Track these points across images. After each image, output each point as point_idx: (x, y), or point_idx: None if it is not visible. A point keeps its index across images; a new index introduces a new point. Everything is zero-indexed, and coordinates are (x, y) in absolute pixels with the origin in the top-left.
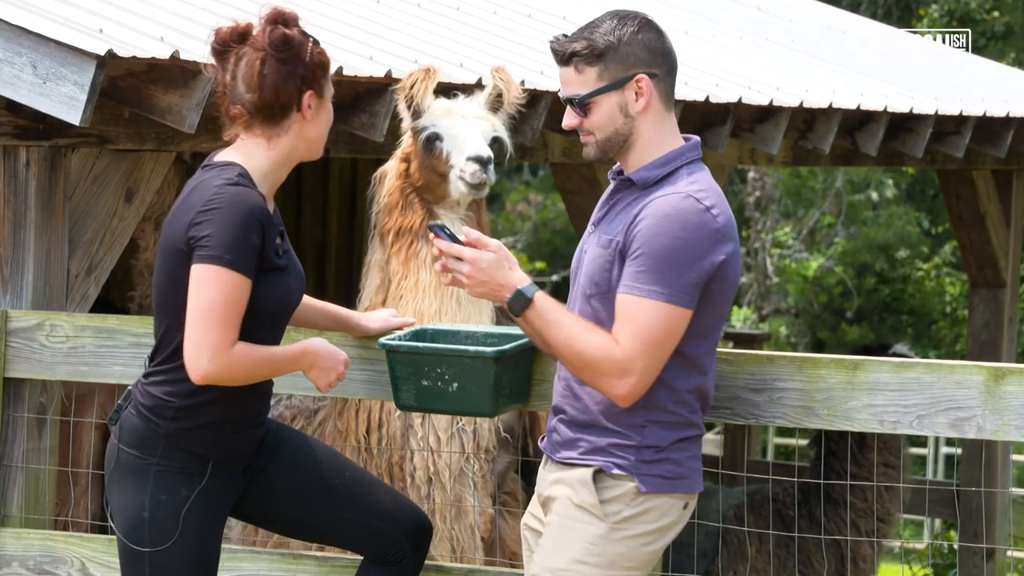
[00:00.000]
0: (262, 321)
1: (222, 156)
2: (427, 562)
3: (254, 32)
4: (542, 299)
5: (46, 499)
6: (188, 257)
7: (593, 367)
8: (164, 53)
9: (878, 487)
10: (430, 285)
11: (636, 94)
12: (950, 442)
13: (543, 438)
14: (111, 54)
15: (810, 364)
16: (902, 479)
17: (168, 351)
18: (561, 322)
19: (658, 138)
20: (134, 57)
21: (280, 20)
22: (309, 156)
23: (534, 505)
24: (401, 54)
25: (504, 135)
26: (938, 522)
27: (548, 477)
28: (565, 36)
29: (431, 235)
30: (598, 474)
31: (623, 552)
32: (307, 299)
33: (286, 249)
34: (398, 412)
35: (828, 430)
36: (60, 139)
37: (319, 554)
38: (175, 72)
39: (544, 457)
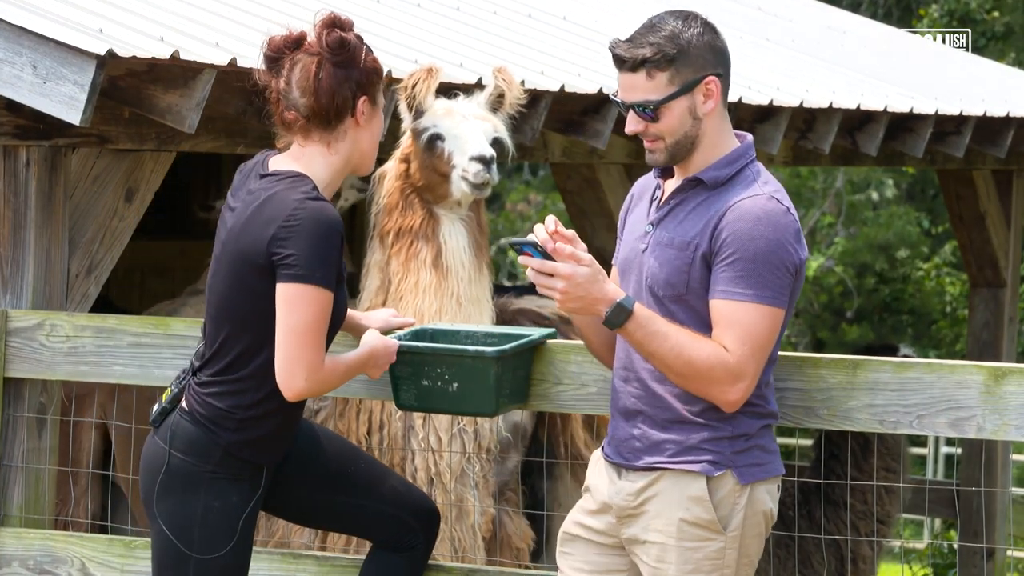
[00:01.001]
0: (332, 332)
1: (281, 164)
2: (430, 562)
3: (309, 39)
4: (641, 310)
5: (46, 499)
6: (267, 272)
7: (706, 376)
8: (164, 53)
9: (878, 489)
10: (430, 285)
11: (704, 96)
12: (950, 442)
13: (606, 445)
14: (111, 54)
15: (810, 364)
16: (902, 479)
17: (227, 360)
18: (666, 332)
19: (720, 138)
20: (134, 57)
21: (337, 24)
22: (361, 168)
23: (587, 515)
24: (401, 54)
25: (505, 135)
26: (938, 522)
27: (628, 487)
28: (624, 40)
29: (517, 255)
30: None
31: (742, 551)
32: None
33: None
34: (399, 413)
35: (830, 434)
36: (60, 139)
37: (319, 554)
38: (175, 72)
39: (607, 464)
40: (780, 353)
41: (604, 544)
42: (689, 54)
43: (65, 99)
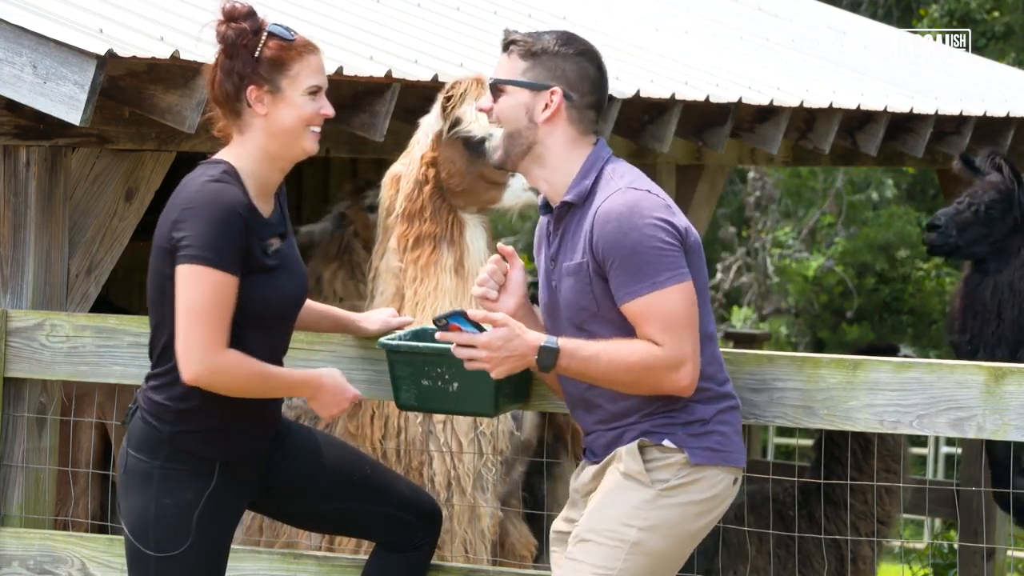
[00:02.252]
0: (250, 323)
1: (217, 154)
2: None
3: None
4: (566, 343)
5: (46, 499)
6: (172, 256)
7: (648, 373)
8: (164, 53)
9: (878, 490)
10: (450, 288)
11: (545, 105)
12: (950, 442)
13: (584, 452)
14: (111, 54)
15: (810, 364)
16: (902, 479)
17: (158, 352)
18: (596, 353)
19: (569, 154)
20: (134, 57)
21: (230, 16)
22: (287, 154)
23: (567, 509)
24: (401, 54)
25: None
26: (938, 522)
27: (591, 470)
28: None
29: (440, 332)
30: (646, 447)
31: (670, 518)
32: (308, 302)
33: (281, 250)
34: (419, 418)
35: (830, 434)
36: (60, 139)
37: (319, 554)
38: (175, 72)
39: (583, 465)
40: (779, 353)
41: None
42: (547, 61)
43: (65, 99)
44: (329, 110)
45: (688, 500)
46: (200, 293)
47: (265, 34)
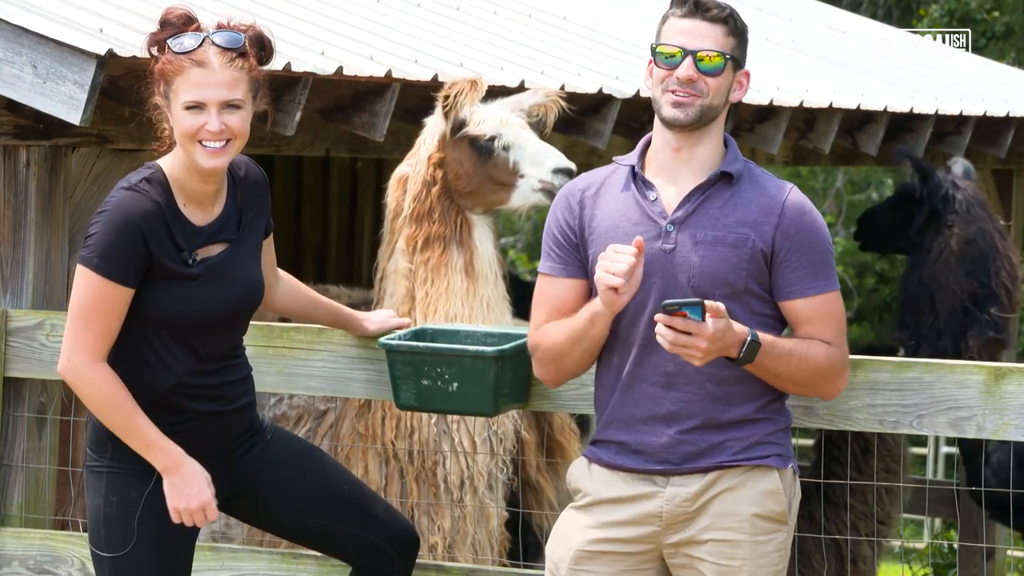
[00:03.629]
0: (159, 331)
1: (160, 159)
2: (427, 561)
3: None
4: (765, 338)
5: (46, 499)
6: None
7: (827, 376)
8: None
9: (878, 490)
10: (461, 290)
11: (738, 84)
12: (950, 442)
13: (614, 455)
14: (111, 54)
15: None
16: (902, 479)
17: None
18: (789, 350)
19: (720, 135)
20: (134, 57)
21: (159, 23)
22: (199, 167)
23: (612, 527)
24: (401, 54)
25: None
26: (938, 522)
27: (682, 492)
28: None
29: (668, 317)
30: (768, 473)
31: (792, 535)
32: (312, 294)
33: (212, 260)
34: (434, 418)
35: (830, 435)
36: (60, 139)
37: (319, 554)
38: None
39: (630, 474)
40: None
41: (636, 555)
42: (746, 38)
43: (65, 99)
44: (213, 126)
45: (795, 520)
46: (82, 295)
47: (168, 46)
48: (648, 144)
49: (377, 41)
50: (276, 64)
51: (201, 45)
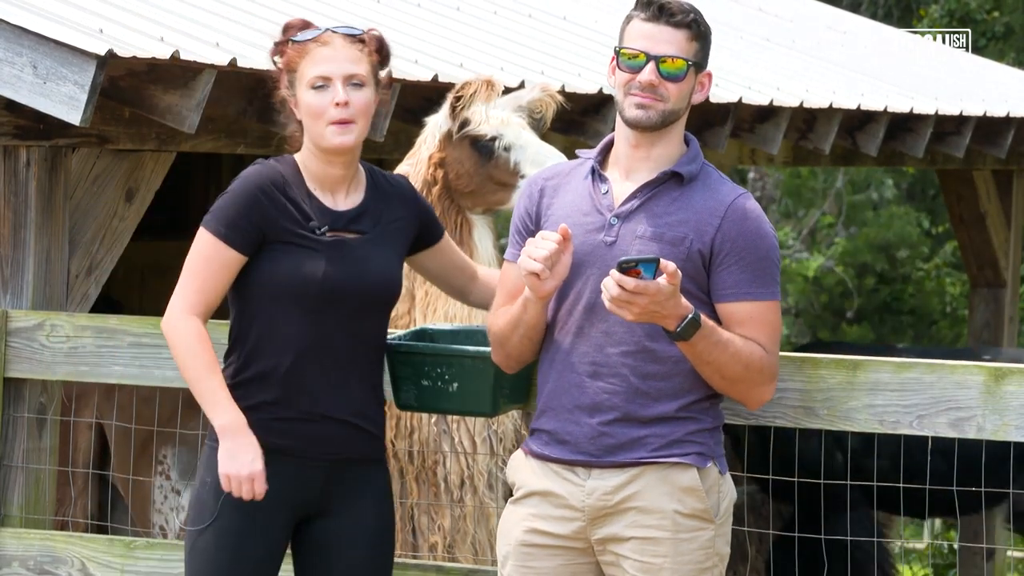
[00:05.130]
0: (275, 297)
1: None
2: (427, 562)
3: None
4: (707, 321)
5: (46, 499)
6: None
7: (757, 378)
8: (164, 53)
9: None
10: None
11: (699, 85)
12: None
13: (542, 446)
14: (111, 54)
15: (810, 364)
16: (902, 480)
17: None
18: (728, 339)
19: (682, 131)
20: (134, 57)
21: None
22: (321, 151)
23: (547, 521)
24: (402, 54)
25: None
26: (938, 522)
27: (602, 485)
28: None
29: (622, 276)
30: (688, 470)
31: (726, 538)
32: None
33: (343, 241)
34: (434, 418)
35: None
36: (60, 139)
37: None
38: (175, 72)
39: (556, 464)
40: (780, 354)
41: (572, 549)
42: (708, 41)
43: (65, 99)
44: (339, 96)
45: (729, 513)
46: (194, 250)
47: (290, 43)
48: (612, 141)
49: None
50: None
51: (324, 33)
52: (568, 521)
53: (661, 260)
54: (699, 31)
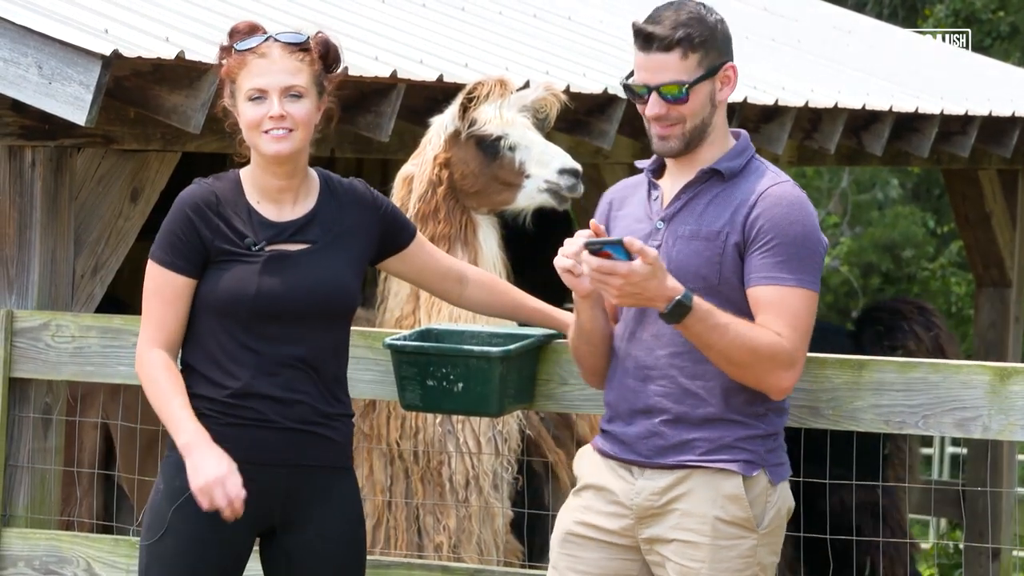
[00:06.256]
0: (224, 321)
1: None
2: (432, 562)
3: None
4: (700, 304)
5: (52, 499)
6: None
7: (767, 363)
8: (169, 53)
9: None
10: None
11: (722, 83)
12: (956, 442)
13: (604, 442)
14: (116, 54)
15: (815, 364)
16: (908, 480)
17: None
18: (726, 324)
19: (725, 129)
20: (139, 57)
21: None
22: (263, 154)
23: (598, 515)
24: (407, 54)
25: None
26: (943, 522)
27: (650, 486)
28: (651, 20)
29: (591, 256)
30: (733, 477)
31: (772, 548)
32: (509, 296)
33: (283, 254)
34: (439, 418)
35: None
36: (66, 139)
37: None
38: (180, 72)
39: (613, 461)
40: None
41: (619, 546)
42: (716, 38)
43: (70, 99)
44: (274, 110)
45: (778, 524)
46: (146, 282)
47: (232, 51)
48: None
49: (382, 41)
50: None
51: (264, 42)
52: (618, 517)
53: (625, 240)
54: (693, 42)
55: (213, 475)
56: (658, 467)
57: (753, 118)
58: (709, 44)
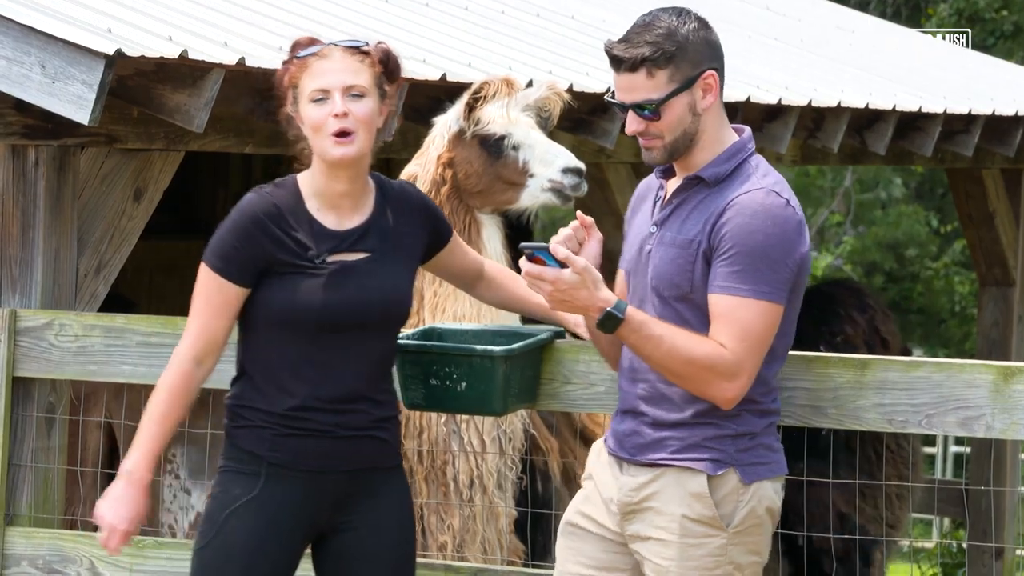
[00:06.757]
0: (276, 324)
1: None
2: (436, 561)
3: None
4: (634, 315)
5: (55, 498)
6: None
7: (705, 374)
8: (173, 52)
9: (888, 494)
10: None
11: (703, 91)
12: (959, 441)
13: (608, 437)
14: (120, 53)
15: (819, 363)
16: (911, 479)
17: None
18: (660, 335)
19: (719, 133)
20: (142, 56)
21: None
22: (328, 159)
23: (594, 507)
24: (410, 54)
25: None
26: (947, 521)
27: (630, 482)
28: (620, 40)
29: (523, 260)
30: (699, 477)
31: (749, 548)
32: (520, 292)
33: (342, 262)
34: (443, 418)
35: (842, 442)
36: (69, 138)
37: None
38: (183, 71)
39: (609, 456)
40: (789, 352)
41: (611, 540)
42: (687, 50)
43: (74, 99)
44: (337, 108)
45: (754, 523)
46: (197, 287)
47: (293, 60)
48: None
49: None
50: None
51: (325, 47)
52: (609, 512)
53: (551, 247)
54: (658, 60)
55: (114, 522)
56: (637, 464)
57: (756, 117)
58: (679, 58)
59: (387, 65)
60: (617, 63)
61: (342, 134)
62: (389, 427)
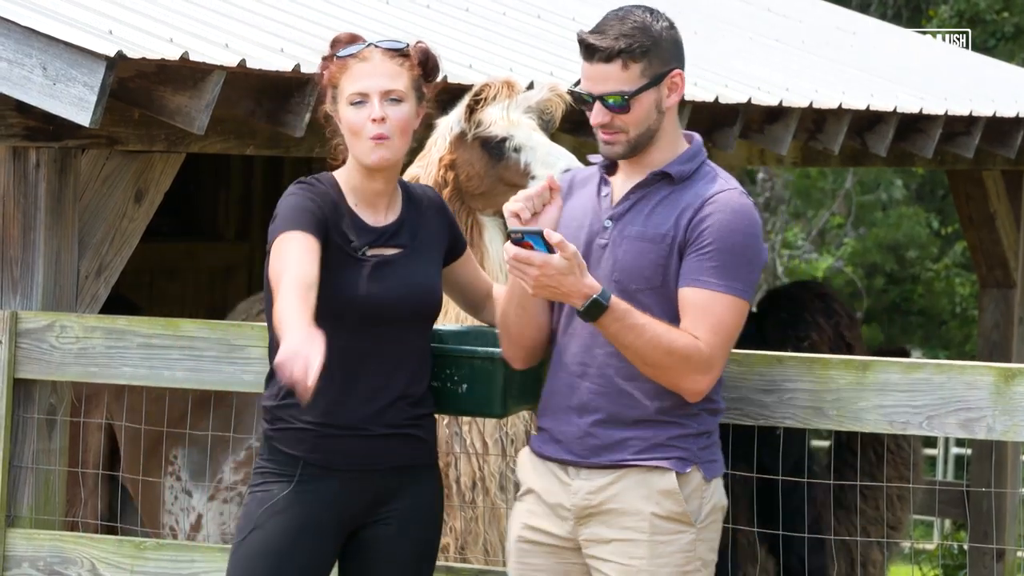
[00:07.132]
0: (324, 316)
1: None
2: (438, 563)
3: None
4: (618, 304)
5: (56, 500)
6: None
7: (682, 365)
8: (174, 54)
9: (890, 495)
10: None
11: (669, 89)
12: (960, 443)
13: (541, 443)
14: (121, 55)
15: (820, 365)
16: (912, 480)
17: None
18: (643, 325)
19: (677, 133)
20: (144, 58)
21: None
22: (365, 163)
23: (543, 519)
24: None
25: None
26: (948, 523)
27: (586, 485)
28: (594, 31)
29: (511, 243)
30: (667, 474)
31: (710, 544)
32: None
33: (383, 258)
34: (445, 419)
35: (844, 443)
36: (70, 140)
37: None
38: (185, 73)
39: (550, 462)
40: (789, 354)
41: (566, 549)
42: (660, 46)
43: (75, 100)
44: (375, 113)
45: (716, 524)
46: (276, 252)
47: (334, 59)
48: None
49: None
50: (285, 65)
51: (365, 48)
52: (561, 520)
53: (544, 231)
54: (635, 53)
55: (294, 346)
56: (593, 467)
57: (757, 119)
58: (652, 53)
59: (426, 66)
60: (591, 52)
61: (379, 138)
62: (425, 424)
